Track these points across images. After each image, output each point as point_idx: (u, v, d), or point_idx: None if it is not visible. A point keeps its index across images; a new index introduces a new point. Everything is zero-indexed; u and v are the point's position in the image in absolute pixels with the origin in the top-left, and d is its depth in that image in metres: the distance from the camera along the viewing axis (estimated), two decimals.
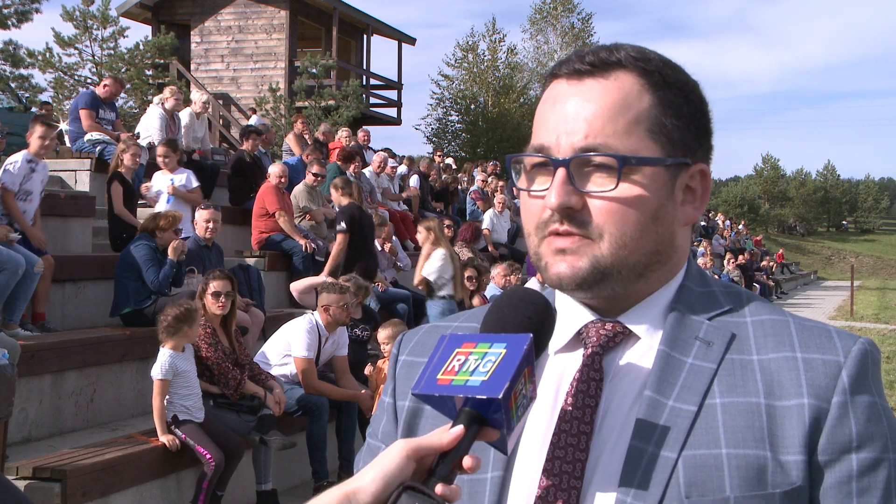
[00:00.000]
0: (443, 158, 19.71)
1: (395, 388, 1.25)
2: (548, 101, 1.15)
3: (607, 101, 1.10)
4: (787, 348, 1.09)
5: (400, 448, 0.97)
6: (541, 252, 1.13)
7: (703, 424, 1.05)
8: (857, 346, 1.07)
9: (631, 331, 1.14)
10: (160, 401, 5.68)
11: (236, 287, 6.64)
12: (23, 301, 6.81)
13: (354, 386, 7.23)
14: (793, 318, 1.13)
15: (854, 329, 18.40)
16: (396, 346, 1.30)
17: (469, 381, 0.98)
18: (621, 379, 1.11)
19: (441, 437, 0.98)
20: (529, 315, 1.06)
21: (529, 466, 1.09)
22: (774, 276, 31.26)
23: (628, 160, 1.08)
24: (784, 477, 1.02)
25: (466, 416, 0.98)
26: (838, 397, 1.04)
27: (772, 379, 1.07)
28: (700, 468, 1.03)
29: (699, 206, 1.16)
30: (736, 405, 1.06)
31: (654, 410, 1.07)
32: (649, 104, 1.11)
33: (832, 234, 66.17)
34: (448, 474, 0.96)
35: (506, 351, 0.99)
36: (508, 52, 37.20)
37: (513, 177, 1.19)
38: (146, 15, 24.87)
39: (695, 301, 1.15)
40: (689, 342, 1.11)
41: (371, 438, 1.27)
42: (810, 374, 1.06)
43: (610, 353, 1.13)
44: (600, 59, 1.12)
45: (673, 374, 1.09)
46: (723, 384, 1.07)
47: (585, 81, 1.12)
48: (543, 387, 1.13)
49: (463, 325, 1.27)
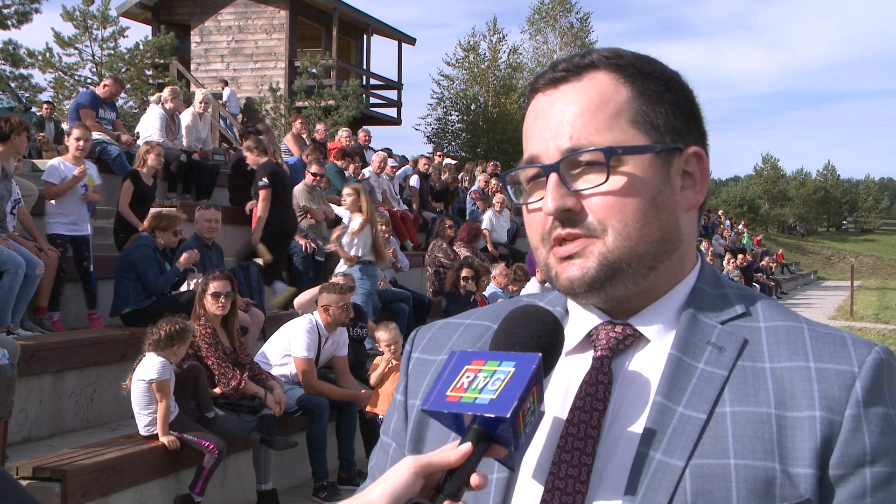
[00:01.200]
0: (442, 158, 19.70)
1: (406, 386, 1.25)
2: (531, 115, 1.17)
3: (585, 101, 1.11)
4: (800, 357, 1.07)
5: (408, 465, 0.97)
6: (549, 263, 1.13)
7: (713, 433, 1.04)
8: (871, 356, 1.06)
9: (641, 333, 1.13)
10: (166, 402, 5.65)
11: (236, 287, 6.64)
12: (23, 302, 6.81)
13: (354, 386, 7.23)
14: (807, 325, 1.12)
15: (854, 329, 18.40)
16: (410, 343, 1.29)
17: (478, 398, 0.99)
18: (631, 383, 1.10)
19: (449, 453, 0.98)
20: (539, 334, 1.07)
21: (535, 469, 1.09)
22: (774, 276, 31.27)
23: (614, 150, 1.08)
24: (792, 490, 1.01)
25: (475, 434, 0.98)
26: (851, 410, 1.02)
27: (784, 389, 1.05)
28: (707, 478, 1.02)
29: (700, 189, 1.16)
30: (746, 415, 1.04)
31: (663, 416, 1.05)
32: (628, 96, 1.12)
33: (832, 234, 66.17)
34: (455, 491, 0.96)
35: (514, 370, 1.00)
36: (511, 51, 37.22)
37: (509, 193, 1.20)
38: (146, 15, 24.90)
39: (708, 304, 1.14)
40: (700, 347, 1.10)
41: (384, 435, 1.27)
42: (823, 386, 1.04)
43: (620, 355, 1.12)
44: (573, 64, 1.14)
45: (683, 380, 1.07)
46: (734, 392, 1.06)
47: (561, 88, 1.14)
48: (552, 389, 1.12)
49: (476, 322, 1.27)
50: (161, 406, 5.65)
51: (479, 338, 1.23)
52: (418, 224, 14.43)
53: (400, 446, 1.22)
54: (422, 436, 1.19)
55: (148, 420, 5.73)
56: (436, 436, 1.17)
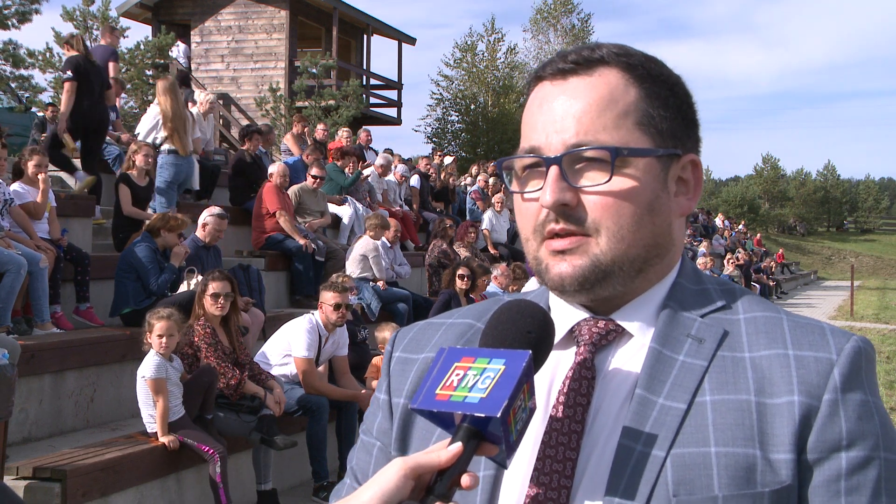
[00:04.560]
0: (442, 158, 19.69)
1: (389, 385, 1.25)
2: (534, 103, 1.15)
3: (594, 97, 1.10)
4: (779, 345, 1.08)
5: (398, 466, 0.96)
6: (540, 256, 1.13)
7: (693, 422, 1.04)
8: (850, 344, 1.07)
9: (624, 328, 1.14)
10: (163, 401, 5.66)
11: (236, 288, 6.63)
12: (42, 299, 6.84)
13: (354, 386, 7.24)
14: (786, 315, 1.13)
15: (854, 329, 18.40)
16: (391, 343, 1.29)
17: (467, 397, 0.97)
18: (613, 377, 1.11)
19: (439, 454, 0.97)
20: (528, 329, 1.06)
21: (521, 465, 1.09)
22: (774, 276, 31.25)
23: (620, 151, 1.08)
24: (773, 476, 1.02)
25: (465, 433, 0.97)
26: (829, 395, 1.03)
27: (763, 376, 1.06)
28: (688, 466, 1.02)
29: (692, 196, 1.16)
30: (726, 403, 1.05)
31: (644, 408, 1.06)
32: (636, 97, 1.11)
33: (832, 234, 66.14)
34: (446, 492, 0.96)
35: (504, 367, 0.98)
36: (508, 51, 37.22)
37: (505, 181, 1.19)
38: (146, 15, 24.88)
39: (688, 298, 1.15)
40: (680, 339, 1.10)
41: (365, 435, 1.26)
42: (802, 372, 1.05)
43: (602, 351, 1.13)
44: (583, 57, 1.13)
45: (663, 372, 1.08)
46: (713, 381, 1.07)
47: (570, 80, 1.12)
48: (536, 385, 1.12)
49: (458, 321, 1.26)
50: (158, 405, 5.66)
51: (462, 335, 1.23)
52: (418, 224, 14.43)
53: (385, 445, 1.22)
54: (407, 434, 1.19)
55: (150, 417, 5.75)
56: (421, 433, 1.17)
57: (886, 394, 10.60)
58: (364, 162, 13.97)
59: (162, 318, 5.71)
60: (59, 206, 8.41)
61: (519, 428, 0.98)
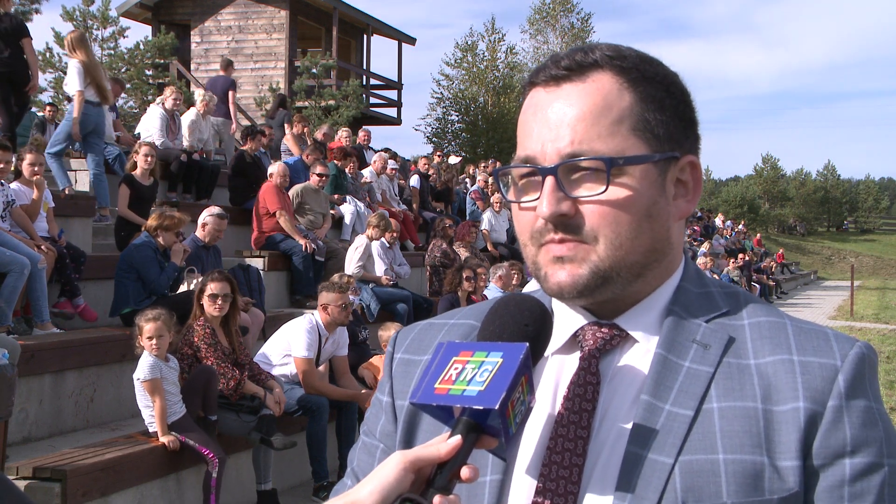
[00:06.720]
0: (442, 157, 19.68)
1: (392, 387, 1.24)
2: (528, 111, 1.14)
3: (588, 104, 1.09)
4: (783, 351, 1.08)
5: (397, 460, 0.96)
6: (539, 261, 1.12)
7: (700, 429, 1.04)
8: (854, 350, 1.07)
9: (628, 333, 1.13)
10: (160, 401, 5.66)
11: (236, 289, 6.63)
12: (43, 298, 6.84)
13: (354, 386, 7.24)
14: (790, 321, 1.12)
15: (854, 329, 18.42)
16: (392, 345, 1.29)
17: (466, 390, 0.98)
18: (618, 382, 1.11)
19: (439, 447, 0.97)
20: (526, 322, 1.06)
21: (526, 470, 1.09)
22: (774, 276, 31.24)
23: (615, 161, 1.07)
24: (781, 483, 1.02)
25: (464, 426, 0.98)
26: (834, 401, 1.04)
27: (769, 383, 1.06)
28: (697, 473, 1.02)
29: (692, 198, 1.16)
30: (733, 410, 1.05)
31: (651, 415, 1.06)
32: (630, 102, 1.10)
33: (832, 234, 66.14)
34: (446, 484, 0.96)
35: (502, 360, 0.99)
36: (508, 51, 37.23)
37: (501, 189, 1.19)
38: (146, 15, 24.87)
39: (692, 302, 1.14)
40: (686, 345, 1.10)
41: (367, 437, 1.25)
42: (807, 378, 1.05)
43: (607, 356, 1.13)
44: (576, 62, 1.11)
45: (670, 378, 1.08)
46: (720, 388, 1.07)
47: (563, 87, 1.11)
48: (541, 389, 1.13)
49: (459, 321, 1.26)
50: (156, 405, 5.67)
51: (464, 337, 1.23)
52: (418, 224, 14.43)
53: (388, 447, 1.21)
54: (412, 436, 1.19)
55: (150, 418, 5.75)
56: (426, 436, 1.16)
57: (886, 394, 10.60)
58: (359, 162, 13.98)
59: (150, 319, 5.71)
60: (59, 206, 8.42)
61: (518, 420, 0.99)
